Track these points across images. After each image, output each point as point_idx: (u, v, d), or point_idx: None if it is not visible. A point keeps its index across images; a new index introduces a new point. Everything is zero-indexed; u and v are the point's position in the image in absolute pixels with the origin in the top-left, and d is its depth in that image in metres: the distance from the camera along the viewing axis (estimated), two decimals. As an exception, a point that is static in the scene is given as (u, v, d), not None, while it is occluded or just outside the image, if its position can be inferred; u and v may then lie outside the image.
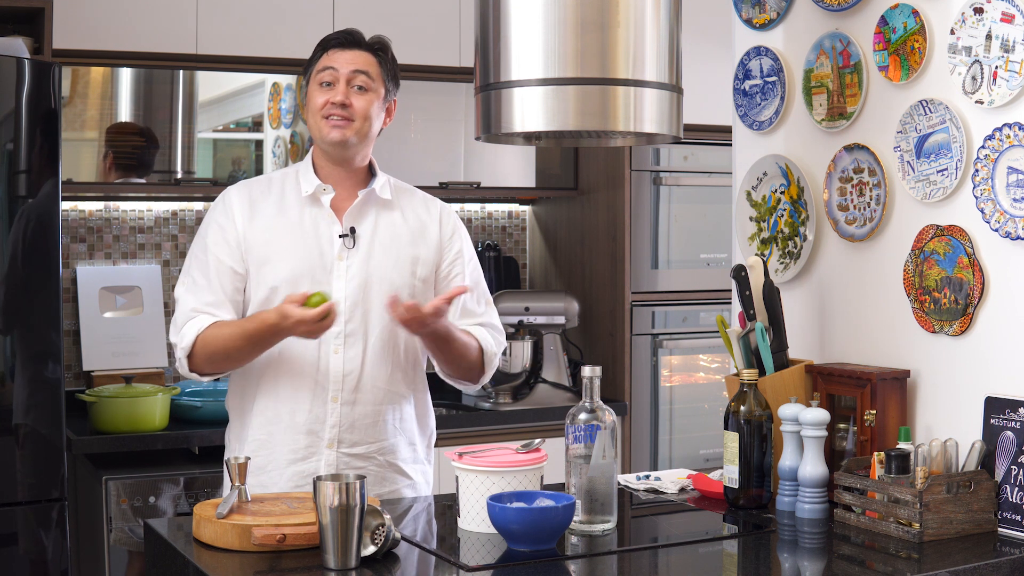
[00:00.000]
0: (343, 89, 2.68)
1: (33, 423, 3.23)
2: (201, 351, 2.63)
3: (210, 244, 2.70)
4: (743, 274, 2.68)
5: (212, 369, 2.68)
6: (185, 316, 2.67)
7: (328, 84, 2.69)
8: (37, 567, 3.24)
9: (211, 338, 2.62)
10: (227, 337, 2.62)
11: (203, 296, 2.67)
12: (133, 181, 4.00)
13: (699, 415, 4.61)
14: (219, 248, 2.69)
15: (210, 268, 2.68)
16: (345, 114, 2.67)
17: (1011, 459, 2.36)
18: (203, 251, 2.70)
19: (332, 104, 2.67)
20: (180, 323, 2.67)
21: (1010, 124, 2.42)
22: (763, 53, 2.94)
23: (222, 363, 2.66)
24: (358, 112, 2.68)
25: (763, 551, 2.35)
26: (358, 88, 2.69)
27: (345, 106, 2.67)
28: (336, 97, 2.67)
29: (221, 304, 2.66)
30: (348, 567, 2.08)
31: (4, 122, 3.20)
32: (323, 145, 2.71)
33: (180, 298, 2.70)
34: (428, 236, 2.79)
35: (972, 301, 2.48)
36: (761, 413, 2.52)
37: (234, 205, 2.71)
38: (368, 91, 2.70)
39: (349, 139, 2.68)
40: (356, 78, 2.69)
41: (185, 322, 2.66)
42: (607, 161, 4.52)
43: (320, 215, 2.71)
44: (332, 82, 2.69)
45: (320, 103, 2.68)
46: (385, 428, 2.72)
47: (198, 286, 2.68)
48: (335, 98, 2.67)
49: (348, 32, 2.75)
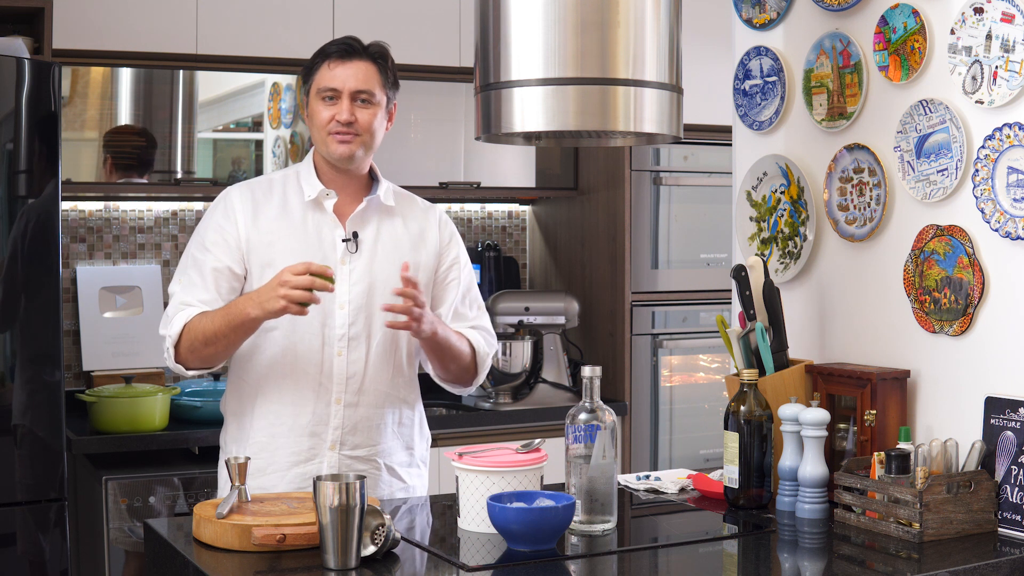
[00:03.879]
0: (348, 106, 2.66)
1: (33, 423, 3.23)
2: (185, 340, 2.62)
3: (208, 244, 2.69)
4: (743, 274, 2.68)
5: (194, 358, 2.64)
6: (175, 308, 2.66)
7: (331, 99, 2.68)
8: (36, 567, 3.24)
9: (194, 325, 2.61)
10: (209, 319, 2.60)
11: (197, 294, 2.66)
12: (133, 181, 4.00)
13: (699, 415, 4.60)
14: (218, 249, 2.68)
15: (206, 268, 2.67)
16: (351, 130, 2.67)
17: (1011, 459, 2.36)
18: (200, 250, 2.70)
19: (337, 122, 2.66)
20: (170, 315, 2.66)
21: (1010, 124, 2.42)
22: (763, 53, 2.94)
23: (203, 350, 2.62)
24: (363, 127, 2.68)
25: (763, 551, 2.35)
26: (361, 102, 2.68)
27: (351, 123, 2.67)
28: (342, 115, 2.66)
29: (214, 303, 2.65)
30: (348, 567, 2.08)
31: (4, 122, 3.19)
32: (330, 158, 2.71)
33: (173, 294, 2.70)
34: (428, 242, 2.80)
35: (972, 301, 2.48)
36: (761, 413, 2.52)
37: (236, 206, 2.71)
38: (372, 104, 2.69)
39: (356, 153, 2.69)
40: (360, 94, 2.68)
41: (175, 314, 2.65)
42: (607, 161, 4.52)
43: (323, 219, 2.71)
44: (335, 98, 2.68)
45: (325, 119, 2.67)
46: (385, 431, 2.73)
47: (193, 284, 2.67)
48: (340, 116, 2.66)
49: (347, 42, 2.71)
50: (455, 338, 2.74)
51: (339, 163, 2.70)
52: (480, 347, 2.81)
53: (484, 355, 2.82)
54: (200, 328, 2.60)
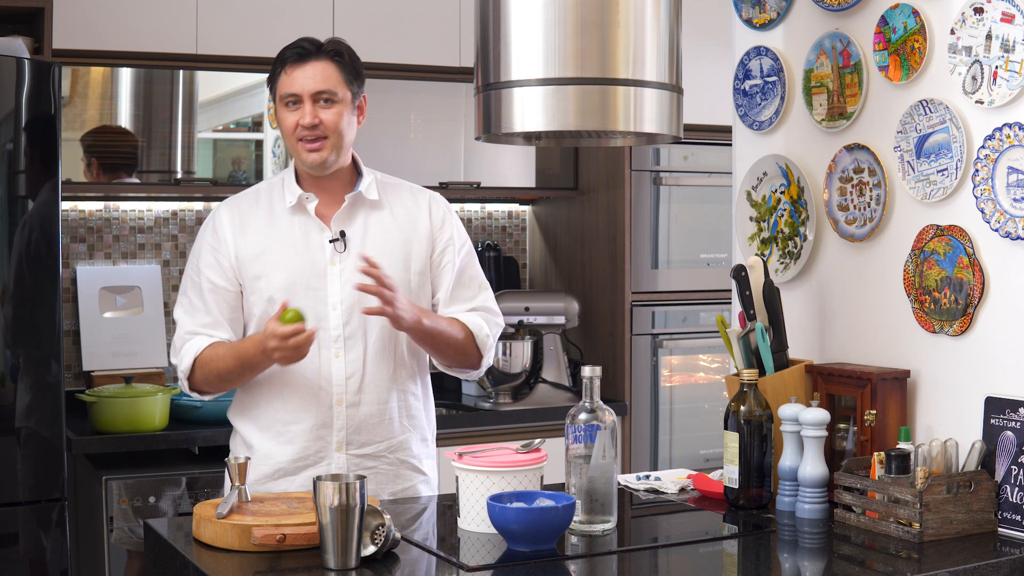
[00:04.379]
0: (310, 109, 2.65)
1: (33, 423, 3.23)
2: (199, 373, 2.68)
3: (203, 267, 2.72)
4: (743, 274, 2.68)
5: (212, 389, 2.72)
6: (182, 339, 2.71)
7: (294, 103, 2.67)
8: (37, 567, 3.24)
9: (207, 360, 2.66)
10: (221, 359, 2.65)
11: (199, 318, 2.70)
12: (133, 181, 3.99)
13: (699, 415, 4.60)
14: (211, 271, 2.70)
15: (204, 290, 2.70)
16: (317, 133, 2.66)
17: (1011, 459, 2.36)
18: (196, 273, 2.73)
19: (302, 126, 2.66)
20: (178, 346, 2.71)
21: (1010, 124, 2.42)
22: (763, 53, 2.94)
23: (219, 384, 2.70)
24: (330, 128, 2.66)
25: (763, 551, 2.35)
26: (324, 102, 2.67)
27: (315, 125, 2.66)
28: (304, 119, 2.65)
29: (218, 325, 2.69)
30: (348, 567, 2.08)
31: (4, 122, 3.19)
32: (303, 168, 2.71)
33: (178, 320, 2.74)
34: (419, 229, 2.77)
35: (972, 301, 2.48)
36: (761, 413, 2.52)
37: (224, 225, 2.72)
38: (335, 103, 2.68)
39: (327, 159, 2.68)
40: (321, 95, 2.67)
41: (183, 344, 2.70)
42: (607, 161, 4.52)
43: (309, 223, 2.71)
44: (297, 102, 2.67)
45: (291, 125, 2.67)
46: (392, 426, 2.72)
47: (195, 308, 2.71)
48: (303, 120, 2.65)
49: (301, 45, 2.70)
50: (445, 324, 2.71)
51: (312, 171, 2.70)
52: (478, 329, 2.76)
53: (484, 335, 2.77)
54: (214, 366, 2.65)
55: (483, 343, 2.77)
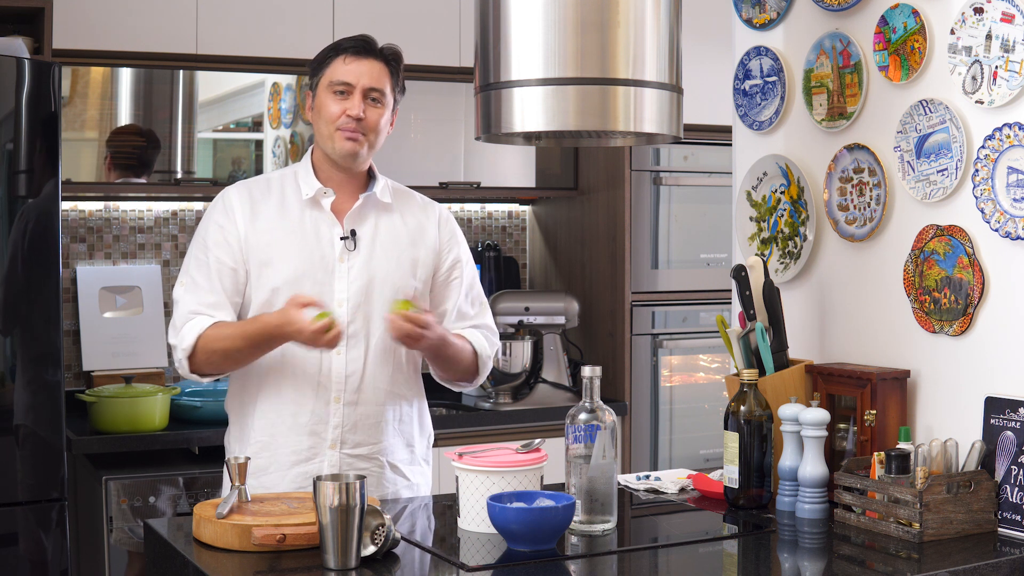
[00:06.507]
0: (359, 102, 2.67)
1: (33, 423, 3.23)
2: (201, 352, 2.64)
3: (210, 244, 2.69)
4: (743, 274, 2.68)
5: (212, 370, 2.68)
6: (184, 317, 2.66)
7: (343, 93, 2.68)
8: (37, 567, 3.24)
9: (211, 339, 2.62)
10: (227, 338, 2.62)
11: (203, 297, 2.67)
12: (133, 181, 4.00)
13: (699, 415, 4.60)
14: (220, 249, 2.68)
15: (211, 268, 2.68)
16: (360, 128, 2.67)
17: (1011, 459, 2.36)
18: (203, 251, 2.70)
19: (348, 117, 2.67)
20: (179, 324, 2.66)
21: (1010, 124, 2.42)
22: (763, 53, 2.94)
23: (221, 364, 2.66)
24: (371, 126, 2.69)
25: (763, 551, 2.35)
26: (372, 100, 2.69)
27: (360, 119, 2.67)
28: (353, 110, 2.66)
29: (221, 305, 2.66)
30: (348, 567, 2.08)
31: (4, 122, 3.19)
32: (334, 155, 2.70)
33: (179, 299, 2.69)
34: (427, 239, 2.79)
35: (972, 301, 2.48)
36: (761, 413, 2.52)
37: (235, 205, 2.71)
38: (382, 104, 2.70)
39: (361, 152, 2.69)
40: (372, 92, 2.68)
41: (184, 323, 2.65)
42: (607, 161, 4.52)
43: (321, 218, 2.71)
44: (347, 92, 2.68)
45: (335, 113, 2.67)
46: (386, 429, 2.73)
47: (198, 286, 2.68)
48: (352, 111, 2.66)
49: (363, 40, 2.72)
50: (457, 343, 2.75)
51: (343, 160, 2.70)
52: (482, 348, 2.82)
53: (486, 356, 2.83)
54: (219, 345, 2.62)
55: (484, 364, 2.83)
